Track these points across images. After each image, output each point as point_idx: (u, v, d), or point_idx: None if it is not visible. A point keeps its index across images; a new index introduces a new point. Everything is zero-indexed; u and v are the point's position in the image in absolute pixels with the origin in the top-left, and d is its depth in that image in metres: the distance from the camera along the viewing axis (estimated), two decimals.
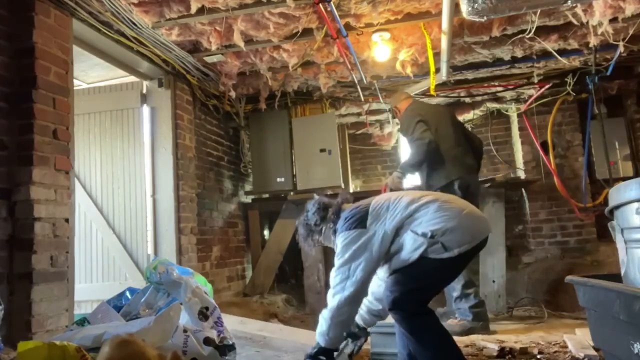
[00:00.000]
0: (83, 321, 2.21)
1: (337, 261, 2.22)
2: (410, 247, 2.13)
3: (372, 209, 2.26)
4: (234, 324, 3.00)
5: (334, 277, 2.20)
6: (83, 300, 3.60)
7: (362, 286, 2.17)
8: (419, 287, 2.15)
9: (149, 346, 1.76)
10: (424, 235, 2.10)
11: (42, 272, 2.55)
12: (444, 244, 2.09)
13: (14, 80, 2.61)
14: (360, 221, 2.23)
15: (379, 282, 2.37)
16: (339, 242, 2.25)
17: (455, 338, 2.32)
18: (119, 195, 3.90)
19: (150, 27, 3.33)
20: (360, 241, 2.17)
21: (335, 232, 2.34)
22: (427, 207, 2.19)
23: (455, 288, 3.55)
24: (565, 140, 5.19)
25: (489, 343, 3.09)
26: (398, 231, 2.18)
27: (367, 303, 2.43)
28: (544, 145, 5.06)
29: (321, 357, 2.19)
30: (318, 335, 2.19)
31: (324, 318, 2.17)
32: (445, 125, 3.77)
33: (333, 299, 2.15)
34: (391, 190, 3.59)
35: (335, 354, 2.25)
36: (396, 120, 4.49)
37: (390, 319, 2.97)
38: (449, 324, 3.50)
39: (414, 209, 2.20)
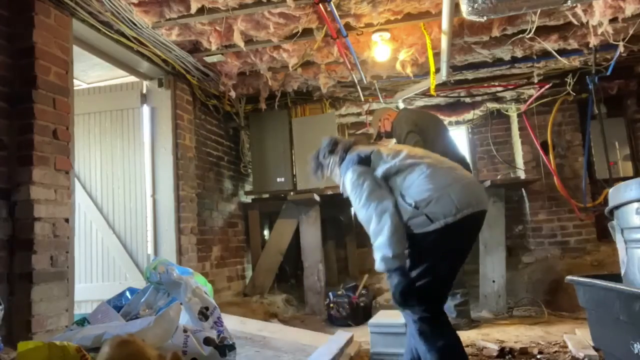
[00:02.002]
0: (83, 321, 2.21)
1: (359, 195, 2.20)
2: (403, 215, 2.12)
3: (375, 153, 2.28)
4: (234, 324, 3.00)
5: (366, 210, 2.15)
6: (83, 300, 3.61)
7: (394, 202, 2.13)
8: (420, 283, 2.09)
9: (149, 346, 1.76)
10: (409, 204, 2.11)
11: (42, 272, 2.55)
12: (428, 215, 2.07)
13: (14, 80, 2.61)
14: (366, 159, 2.27)
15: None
16: (347, 179, 2.27)
17: None
18: (119, 195, 3.90)
19: (150, 27, 3.33)
20: (369, 176, 2.20)
21: (340, 165, 2.38)
22: (420, 170, 2.17)
23: None
24: (565, 140, 5.19)
25: (489, 343, 3.09)
26: (388, 182, 2.20)
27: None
28: (544, 145, 5.06)
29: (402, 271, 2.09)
30: (387, 262, 2.08)
31: (383, 244, 2.07)
32: (440, 135, 3.83)
33: (382, 220, 2.09)
34: None
35: None
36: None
37: (390, 319, 2.97)
38: None
39: (407, 165, 2.20)
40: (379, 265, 2.12)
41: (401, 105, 5.02)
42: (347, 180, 2.28)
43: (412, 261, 2.14)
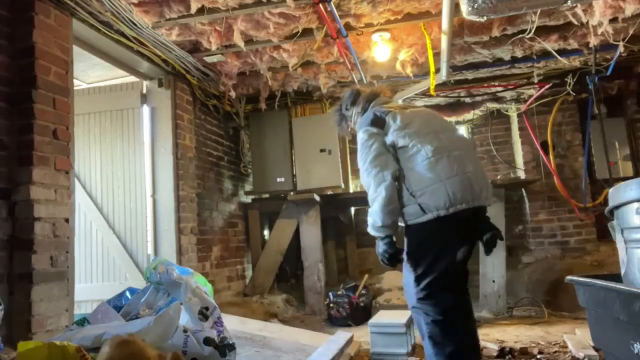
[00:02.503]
0: (83, 321, 2.21)
1: (363, 159, 2.23)
2: (403, 196, 2.16)
3: (391, 113, 2.29)
4: (234, 324, 3.00)
5: (367, 175, 2.20)
6: (83, 300, 3.61)
7: (396, 175, 2.17)
8: (424, 271, 2.11)
9: (149, 346, 1.76)
10: (407, 188, 2.14)
11: (42, 272, 2.55)
12: (421, 205, 2.09)
13: (14, 80, 2.61)
14: (381, 121, 2.27)
15: None
16: (359, 136, 2.29)
17: None
18: (119, 195, 3.90)
19: (150, 27, 3.33)
20: (379, 139, 2.22)
21: (362, 116, 2.41)
22: (424, 154, 2.15)
23: None
24: (565, 140, 5.19)
25: (489, 343, 3.09)
26: (396, 149, 2.21)
27: None
28: (544, 145, 5.06)
29: (390, 240, 2.17)
30: (376, 229, 2.17)
31: (376, 212, 2.14)
32: None
33: (378, 190, 2.14)
34: None
35: None
36: None
37: (390, 320, 2.97)
38: None
39: (414, 144, 2.18)
40: (369, 229, 2.21)
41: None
42: (358, 139, 2.30)
43: (414, 258, 2.16)
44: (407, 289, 2.23)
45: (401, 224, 2.23)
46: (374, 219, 2.15)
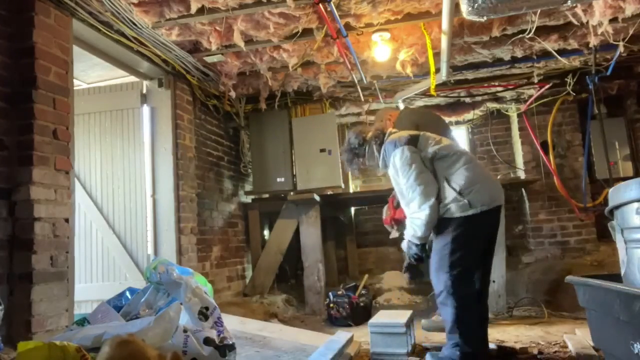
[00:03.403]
0: (83, 321, 2.21)
1: (407, 174, 2.56)
2: (446, 196, 2.50)
3: (421, 137, 2.67)
4: (234, 324, 3.00)
5: (413, 190, 2.53)
6: (83, 300, 3.60)
7: (437, 192, 2.53)
8: (457, 257, 2.46)
9: (149, 346, 1.76)
10: (454, 189, 2.48)
11: (42, 272, 2.55)
12: (470, 201, 2.45)
13: (14, 80, 2.61)
14: (413, 140, 2.62)
15: None
16: (397, 158, 2.60)
17: None
18: (119, 195, 3.90)
19: (150, 27, 3.32)
20: (418, 157, 2.57)
21: (382, 148, 2.73)
22: (464, 161, 2.56)
23: None
24: (565, 140, 5.19)
25: (489, 343, 3.08)
26: (433, 163, 2.58)
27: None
28: (544, 145, 5.06)
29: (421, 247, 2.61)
30: (414, 238, 2.58)
31: (418, 226, 2.53)
32: (442, 133, 3.83)
33: (422, 209, 2.51)
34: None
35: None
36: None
37: (390, 320, 2.95)
38: (433, 320, 3.57)
39: (452, 153, 2.58)
40: (408, 236, 2.61)
41: (401, 106, 5.02)
42: (396, 158, 2.60)
43: (455, 244, 2.48)
44: (438, 274, 2.54)
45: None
46: (416, 230, 2.55)
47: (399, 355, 2.83)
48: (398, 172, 2.61)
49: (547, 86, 4.72)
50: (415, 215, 2.55)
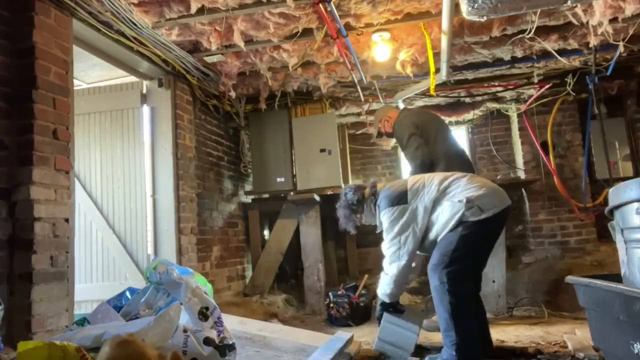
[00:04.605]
0: (83, 321, 2.21)
1: (388, 235, 2.65)
2: (449, 213, 2.52)
3: (410, 186, 2.66)
4: (234, 324, 3.00)
5: (388, 248, 2.65)
6: (83, 300, 3.60)
7: (413, 254, 2.63)
8: (457, 254, 2.48)
9: (149, 346, 1.76)
10: (460, 201, 2.50)
11: (42, 272, 2.55)
12: (480, 206, 2.48)
13: (14, 80, 2.61)
14: (402, 197, 2.63)
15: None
16: (384, 218, 2.67)
17: None
18: (119, 195, 3.90)
19: (150, 27, 3.32)
20: (405, 215, 2.59)
21: (376, 206, 2.77)
22: (457, 181, 2.61)
23: None
24: (565, 140, 5.19)
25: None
26: (435, 204, 2.59)
27: None
28: (544, 145, 5.05)
29: (390, 309, 2.76)
30: (383, 295, 2.72)
31: (386, 283, 2.67)
32: (442, 134, 3.92)
33: (391, 267, 2.64)
34: None
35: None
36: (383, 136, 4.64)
37: (409, 320, 2.88)
38: (433, 319, 3.55)
39: (447, 185, 2.61)
40: (379, 293, 2.76)
41: (401, 105, 5.02)
42: (383, 218, 2.69)
43: (459, 243, 2.51)
44: (436, 269, 2.55)
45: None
46: (385, 287, 2.70)
47: (404, 352, 2.78)
48: (384, 227, 2.71)
49: (547, 86, 4.72)
50: (385, 271, 2.69)
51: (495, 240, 2.70)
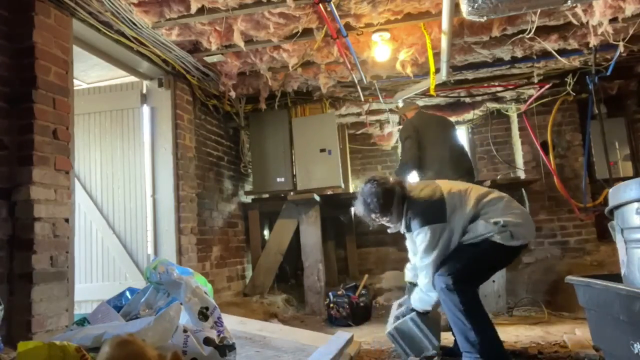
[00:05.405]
0: (83, 321, 2.21)
1: (427, 251, 2.48)
2: (479, 231, 2.45)
3: (447, 200, 2.52)
4: (234, 324, 3.00)
5: (426, 264, 2.49)
6: (83, 300, 3.60)
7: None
8: (472, 266, 2.45)
9: (149, 346, 1.76)
10: (496, 223, 2.42)
11: (42, 272, 2.55)
12: (513, 233, 2.42)
13: (14, 80, 2.61)
14: (440, 214, 2.49)
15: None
16: (420, 237, 2.50)
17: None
18: (119, 195, 3.90)
19: (150, 27, 3.32)
20: (445, 234, 2.46)
21: (405, 214, 2.59)
22: (495, 203, 2.53)
23: None
24: (565, 140, 5.19)
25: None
26: (469, 222, 2.51)
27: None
28: (544, 145, 5.05)
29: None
30: (415, 306, 2.64)
31: (421, 299, 2.60)
32: (439, 145, 4.03)
33: (427, 285, 2.52)
34: None
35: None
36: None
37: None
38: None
39: (484, 204, 2.52)
40: (414, 304, 2.66)
41: (400, 104, 5.02)
42: (419, 237, 2.52)
43: (482, 256, 2.47)
44: (441, 274, 2.47)
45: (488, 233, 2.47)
46: (418, 302, 2.62)
47: (408, 356, 2.72)
48: (419, 245, 2.54)
49: (547, 86, 4.72)
50: (421, 286, 2.59)
51: (502, 267, 2.76)
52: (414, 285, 2.80)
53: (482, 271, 2.55)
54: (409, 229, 2.61)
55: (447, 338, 2.91)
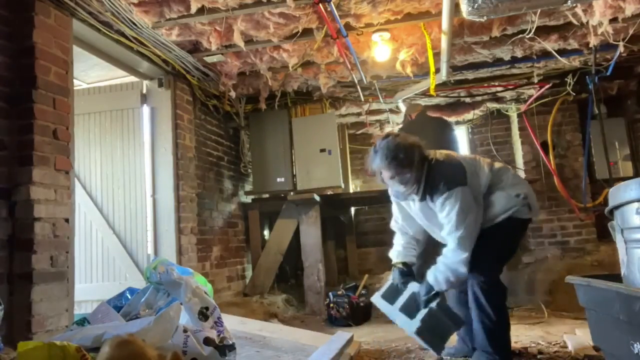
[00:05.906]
0: (83, 321, 2.21)
1: (460, 218, 2.30)
2: (504, 205, 2.39)
3: (466, 165, 2.44)
4: (234, 324, 3.00)
5: (461, 236, 2.31)
6: (83, 300, 3.60)
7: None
8: (502, 254, 2.47)
9: (149, 346, 1.76)
10: (517, 196, 2.39)
11: (42, 272, 2.55)
12: (531, 205, 2.42)
13: (14, 80, 2.60)
14: (463, 177, 2.37)
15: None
16: (452, 199, 2.30)
17: None
18: (119, 195, 3.90)
19: (150, 27, 3.32)
20: (470, 198, 2.33)
21: (422, 171, 2.38)
22: (505, 171, 2.51)
23: None
24: (565, 140, 5.19)
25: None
26: (488, 189, 2.44)
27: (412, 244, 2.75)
28: (544, 145, 5.05)
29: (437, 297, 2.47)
30: (443, 281, 2.39)
31: (446, 270, 2.37)
32: (437, 142, 4.02)
33: (465, 259, 2.32)
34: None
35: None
36: None
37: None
38: None
39: (496, 171, 2.49)
40: (434, 282, 2.41)
41: (402, 106, 5.03)
42: (449, 200, 2.31)
43: (510, 243, 2.49)
44: (482, 269, 2.39)
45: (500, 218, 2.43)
46: (446, 274, 2.37)
47: (441, 342, 2.66)
48: (447, 214, 2.33)
49: (547, 86, 4.72)
50: (449, 257, 2.36)
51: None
52: (405, 266, 2.64)
53: (509, 257, 2.59)
54: (423, 197, 2.39)
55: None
